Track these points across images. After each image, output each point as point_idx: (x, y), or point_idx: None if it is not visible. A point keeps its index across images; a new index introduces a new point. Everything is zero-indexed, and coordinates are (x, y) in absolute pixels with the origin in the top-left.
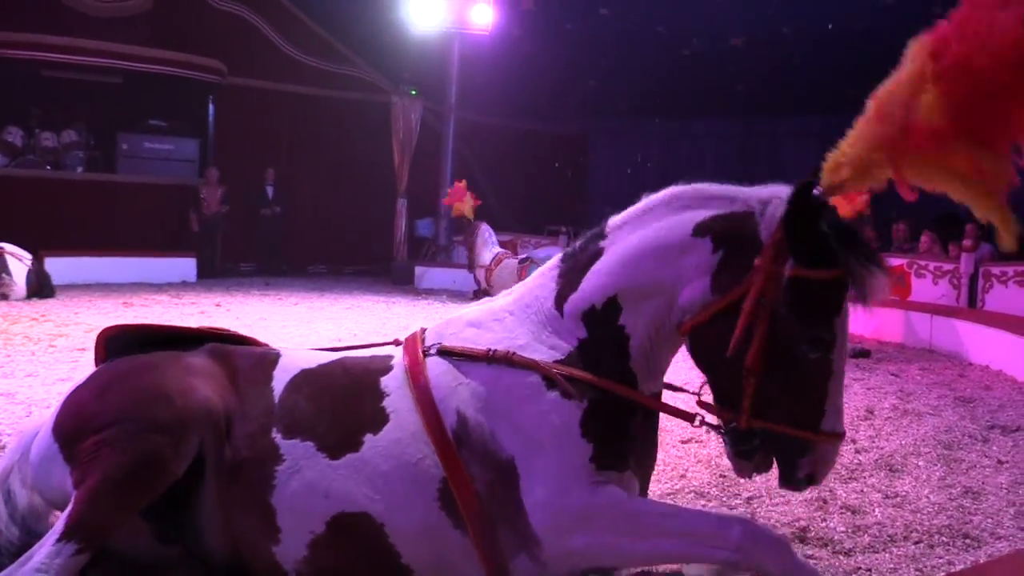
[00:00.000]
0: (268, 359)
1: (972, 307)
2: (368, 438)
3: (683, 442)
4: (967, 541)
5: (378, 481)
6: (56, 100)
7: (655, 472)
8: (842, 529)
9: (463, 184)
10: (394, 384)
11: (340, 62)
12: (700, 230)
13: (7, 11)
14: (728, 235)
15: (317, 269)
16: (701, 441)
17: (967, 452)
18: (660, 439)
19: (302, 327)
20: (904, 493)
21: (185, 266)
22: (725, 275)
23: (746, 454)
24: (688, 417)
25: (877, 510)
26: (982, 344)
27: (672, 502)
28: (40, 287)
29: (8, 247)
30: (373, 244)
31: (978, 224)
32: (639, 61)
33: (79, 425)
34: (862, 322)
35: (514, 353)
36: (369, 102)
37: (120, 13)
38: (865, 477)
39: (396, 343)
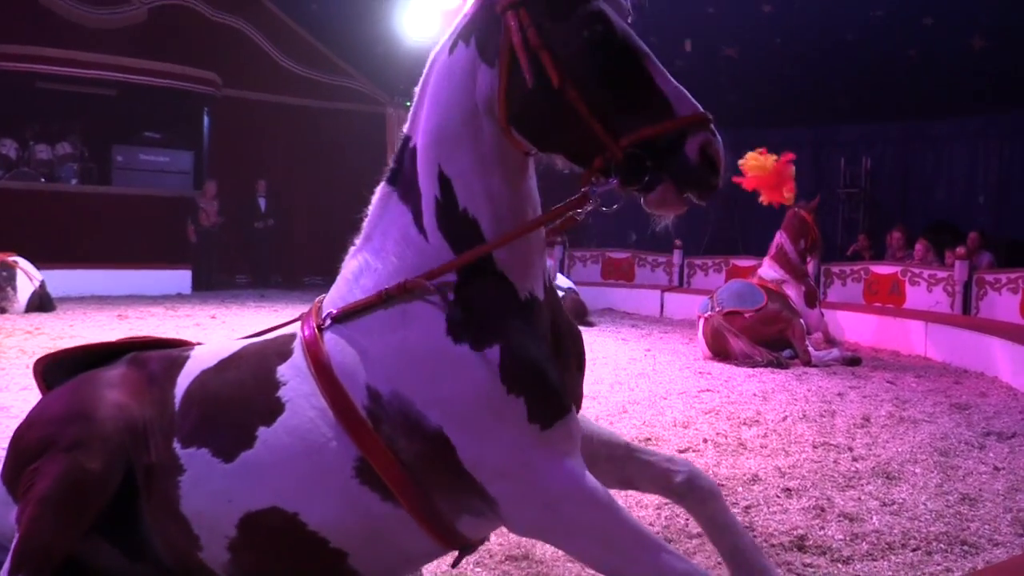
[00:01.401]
0: (177, 362)
1: (967, 314)
2: (261, 432)
3: (680, 451)
4: (965, 548)
5: (280, 473)
6: (51, 112)
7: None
8: (840, 537)
9: None
10: (291, 372)
11: (335, 73)
12: (451, 48)
13: (1, 23)
14: (467, 26)
15: (313, 280)
16: (698, 450)
17: (964, 459)
18: (656, 450)
19: None
20: (901, 500)
21: (180, 278)
22: (488, 47)
23: (649, 184)
24: (582, 200)
25: (875, 518)
26: (977, 351)
27: (669, 513)
28: (41, 306)
29: (22, 263)
30: None
31: (981, 232)
32: None
33: (15, 462)
34: (857, 330)
35: (406, 280)
36: (364, 113)
37: (115, 25)
38: (862, 485)
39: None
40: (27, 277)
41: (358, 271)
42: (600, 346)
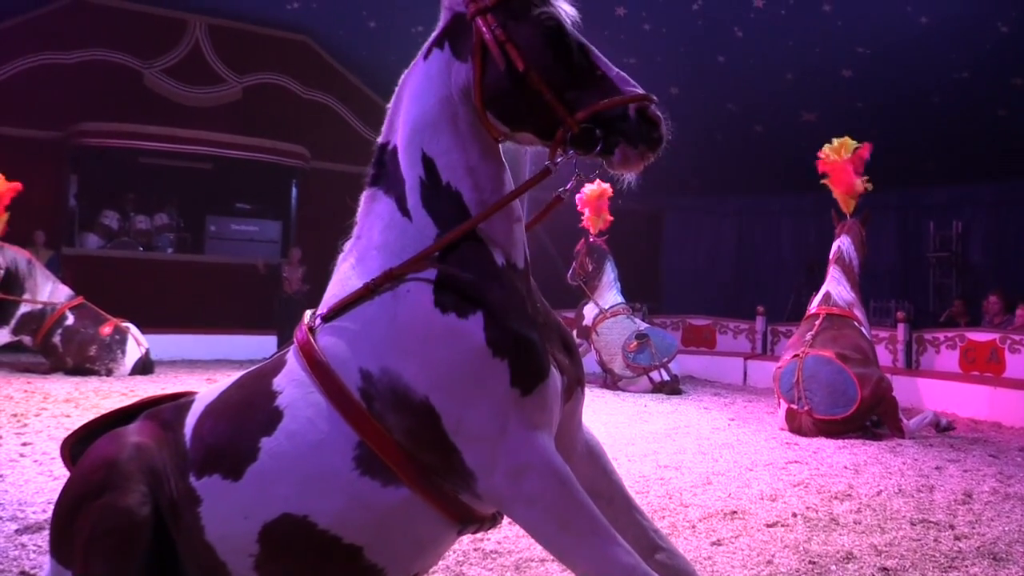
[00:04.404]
0: (185, 406)
1: None
2: (264, 442)
3: (768, 526)
4: None
5: (285, 479)
6: (150, 185)
7: (739, 555)
8: None
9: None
10: (286, 380)
11: None
12: (426, 55)
13: (109, 104)
14: (440, 35)
15: None
16: (787, 525)
17: None
18: (743, 524)
19: None
20: None
21: (267, 343)
22: (461, 47)
23: (604, 149)
24: (545, 173)
25: None
26: None
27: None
28: (143, 369)
29: (133, 330)
30: None
31: None
32: (711, 139)
33: (58, 530)
34: (953, 400)
35: (390, 269)
36: None
37: (212, 103)
38: (967, 566)
39: None
40: (136, 343)
41: (348, 270)
42: (682, 415)
